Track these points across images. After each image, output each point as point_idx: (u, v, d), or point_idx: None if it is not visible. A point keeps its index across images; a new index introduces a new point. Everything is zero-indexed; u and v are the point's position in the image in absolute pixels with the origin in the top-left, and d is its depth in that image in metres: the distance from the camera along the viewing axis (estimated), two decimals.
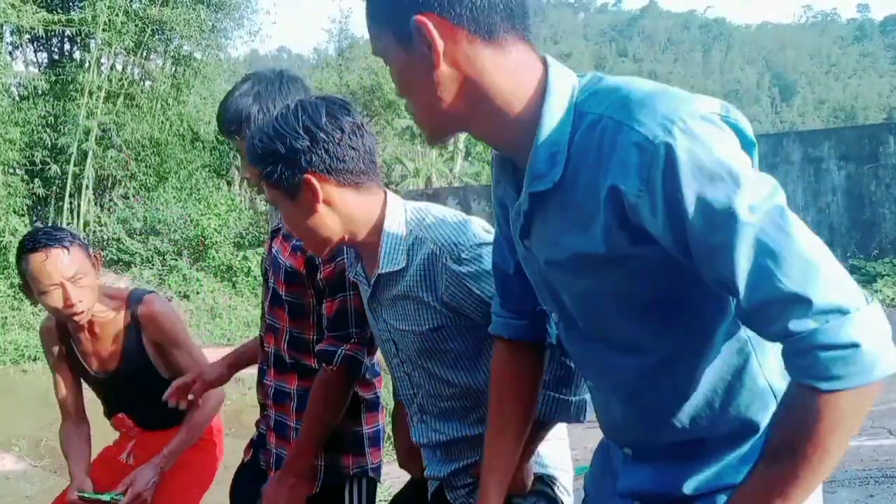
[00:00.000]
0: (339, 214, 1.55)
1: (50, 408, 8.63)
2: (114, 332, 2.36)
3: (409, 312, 1.60)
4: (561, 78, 1.05)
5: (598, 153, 0.97)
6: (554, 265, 1.10)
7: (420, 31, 1.00)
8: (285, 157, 1.50)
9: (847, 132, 12.48)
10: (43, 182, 16.46)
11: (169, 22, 16.79)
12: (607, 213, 0.97)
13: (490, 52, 1.02)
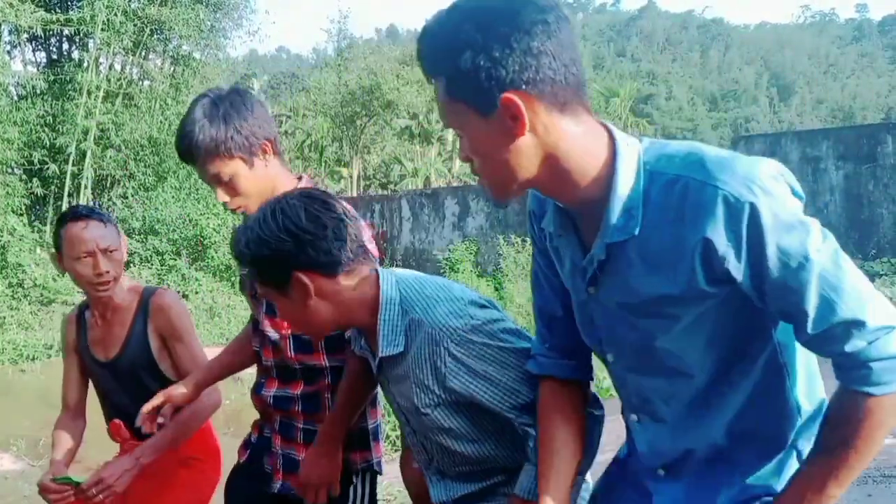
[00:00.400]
0: (332, 304, 1.58)
1: (48, 407, 8.60)
2: (124, 317, 2.41)
3: (411, 392, 1.62)
4: (627, 142, 1.19)
5: (681, 209, 1.12)
6: (626, 308, 1.23)
7: (508, 107, 1.11)
8: (272, 260, 1.54)
9: (845, 132, 12.51)
10: (41, 182, 16.45)
11: (168, 22, 16.78)
12: (694, 259, 1.12)
13: (565, 121, 1.15)
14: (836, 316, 1.08)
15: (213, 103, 1.87)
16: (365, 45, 28.36)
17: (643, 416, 1.35)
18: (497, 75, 1.10)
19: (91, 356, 2.46)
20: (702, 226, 1.10)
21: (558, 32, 1.11)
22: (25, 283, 13.87)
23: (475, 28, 1.10)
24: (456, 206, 15.07)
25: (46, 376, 10.05)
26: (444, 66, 1.14)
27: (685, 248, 1.13)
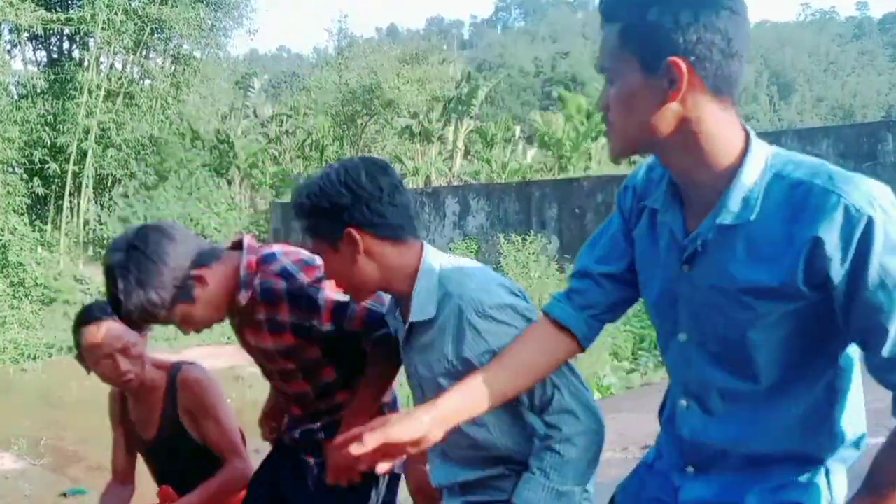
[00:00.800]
0: (377, 265, 1.67)
1: (49, 407, 8.62)
2: (155, 398, 2.40)
3: (431, 361, 1.68)
4: (760, 143, 1.26)
5: (800, 209, 1.18)
6: (719, 291, 1.27)
7: (672, 69, 1.17)
8: (329, 212, 1.63)
9: (845, 130, 12.50)
10: (42, 181, 16.45)
11: (168, 21, 16.78)
12: (800, 255, 1.17)
13: (715, 107, 1.21)
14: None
15: (122, 271, 1.75)
16: (365, 44, 28.31)
17: (694, 403, 1.37)
18: (674, 38, 1.16)
19: (134, 433, 2.48)
20: (816, 226, 1.15)
21: (740, 25, 1.19)
22: (27, 282, 13.89)
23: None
24: (456, 204, 15.07)
25: (48, 376, 10.06)
26: (628, 13, 1.20)
27: (793, 245, 1.18)
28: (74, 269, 15.04)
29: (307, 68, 47.93)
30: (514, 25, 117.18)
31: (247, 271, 1.88)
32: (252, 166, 21.60)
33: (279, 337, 1.92)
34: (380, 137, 24.00)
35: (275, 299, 1.87)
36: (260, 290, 1.87)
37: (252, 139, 22.79)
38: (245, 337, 2.01)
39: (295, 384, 2.03)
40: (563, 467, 1.56)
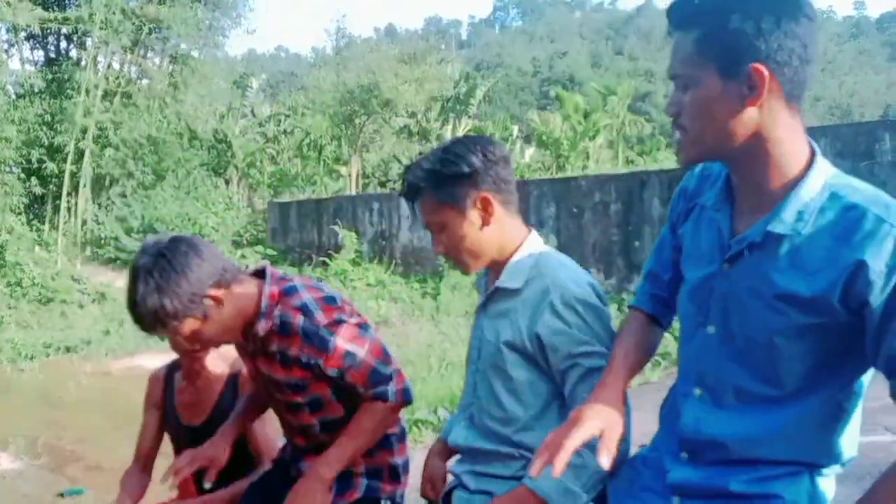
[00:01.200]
0: (498, 232, 1.76)
1: (47, 407, 8.59)
2: (213, 385, 2.50)
3: (501, 327, 1.74)
4: (824, 161, 1.29)
5: (850, 231, 1.20)
6: (755, 294, 1.30)
7: (753, 75, 1.20)
8: (467, 176, 1.71)
9: (843, 129, 12.49)
10: (40, 181, 16.44)
11: (166, 20, 16.77)
12: (841, 275, 1.19)
13: (787, 114, 1.24)
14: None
15: (145, 275, 1.77)
16: (363, 44, 28.34)
17: (707, 394, 1.40)
18: (756, 45, 1.19)
19: (176, 418, 2.54)
20: (864, 251, 1.18)
21: (814, 31, 1.22)
22: (24, 282, 13.86)
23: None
24: None
25: (45, 375, 10.05)
26: (707, 20, 1.23)
27: (837, 264, 1.20)
28: (72, 269, 15.02)
29: (305, 68, 47.92)
30: (512, 25, 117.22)
31: (268, 302, 1.87)
32: (250, 166, 21.58)
33: (290, 370, 1.92)
34: (378, 137, 23.99)
35: (289, 333, 1.86)
36: (278, 323, 1.86)
37: (250, 139, 22.77)
38: (258, 366, 2.01)
39: (302, 416, 2.04)
40: (580, 470, 1.58)
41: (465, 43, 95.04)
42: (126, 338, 11.59)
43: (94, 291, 14.26)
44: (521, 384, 1.72)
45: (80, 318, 13.16)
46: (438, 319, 11.40)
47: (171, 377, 2.59)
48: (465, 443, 1.83)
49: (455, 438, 1.86)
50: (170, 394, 2.58)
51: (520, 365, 1.72)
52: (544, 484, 1.58)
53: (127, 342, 11.35)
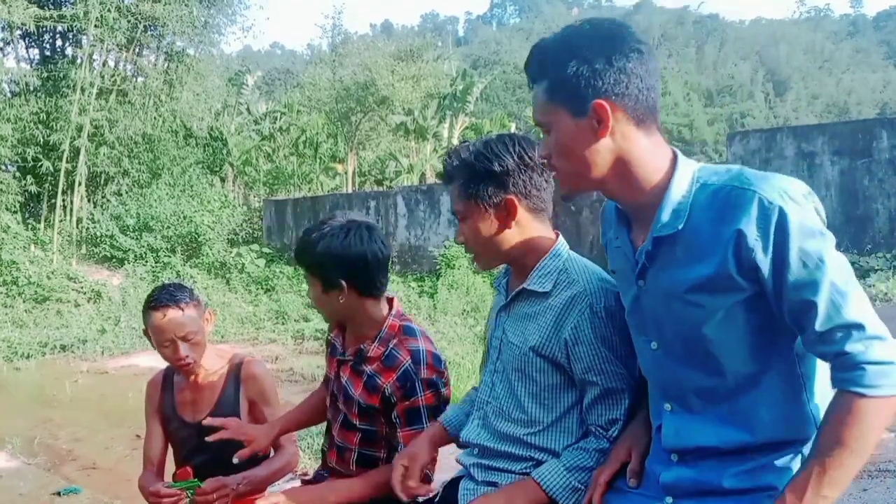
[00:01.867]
0: (520, 235, 1.75)
1: (43, 406, 8.56)
2: (214, 383, 2.56)
3: (528, 331, 1.72)
4: (685, 159, 1.43)
5: (722, 210, 1.32)
6: (672, 296, 1.40)
7: (598, 111, 1.36)
8: (497, 176, 1.70)
9: (840, 127, 12.50)
10: (35, 179, 16.39)
11: (161, 18, 16.71)
12: (728, 249, 1.30)
13: (640, 135, 1.39)
14: (840, 317, 1.25)
15: (329, 229, 2.04)
16: (360, 41, 28.23)
17: (676, 405, 1.47)
18: (594, 84, 1.36)
19: (178, 416, 2.58)
20: (737, 221, 1.29)
21: (648, 62, 1.38)
22: (20, 280, 13.83)
23: (583, 44, 1.37)
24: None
25: (41, 374, 10.02)
26: (551, 71, 1.40)
27: (721, 240, 1.31)
28: (67, 268, 14.97)
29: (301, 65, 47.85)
30: (509, 22, 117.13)
31: (388, 331, 2.06)
32: (245, 164, 21.54)
33: (370, 395, 2.03)
34: (374, 134, 23.96)
35: (391, 366, 2.00)
36: (387, 353, 2.02)
37: (245, 136, 22.72)
38: (339, 370, 2.15)
39: (349, 437, 2.12)
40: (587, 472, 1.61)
41: (462, 40, 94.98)
42: (122, 337, 11.57)
43: (90, 290, 14.23)
44: (545, 389, 1.72)
45: (75, 316, 13.13)
46: (436, 318, 11.39)
47: (170, 379, 2.62)
48: (477, 440, 1.83)
49: (467, 435, 1.87)
50: (169, 395, 2.61)
51: (545, 370, 1.71)
52: (552, 480, 1.62)
53: (123, 341, 11.32)
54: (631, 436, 1.59)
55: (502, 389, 1.79)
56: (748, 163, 12.01)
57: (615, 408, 1.64)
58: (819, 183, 11.62)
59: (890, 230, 11.24)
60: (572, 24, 1.44)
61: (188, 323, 2.41)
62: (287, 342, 11.14)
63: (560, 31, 1.43)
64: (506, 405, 1.77)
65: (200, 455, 2.52)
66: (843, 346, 1.25)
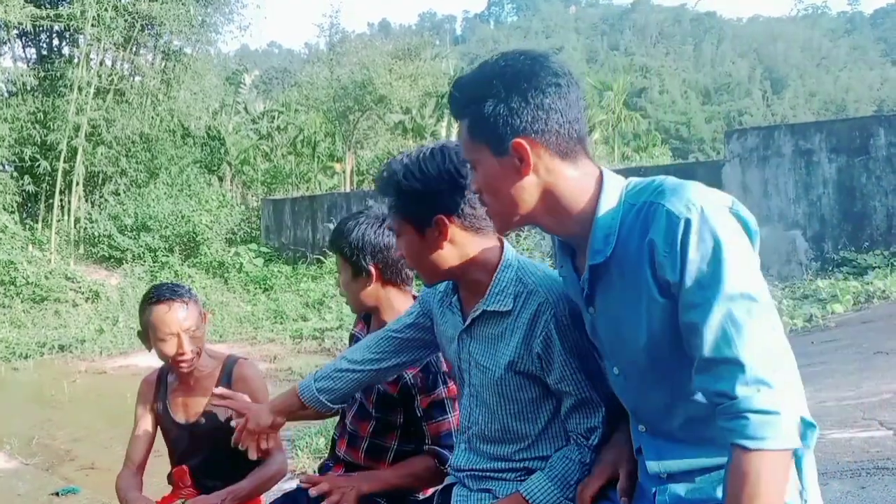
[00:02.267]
0: (458, 253, 1.68)
1: (41, 406, 8.54)
2: (207, 384, 2.52)
3: (498, 353, 1.68)
4: (613, 181, 1.38)
5: (643, 226, 1.28)
6: (617, 321, 1.37)
7: (517, 150, 1.32)
8: (425, 197, 1.63)
9: (838, 125, 12.51)
10: (33, 179, 16.37)
11: (158, 17, 16.69)
12: (646, 264, 1.27)
13: (564, 166, 1.35)
14: (729, 350, 1.18)
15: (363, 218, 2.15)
16: (357, 40, 28.22)
17: (647, 427, 1.45)
18: (512, 122, 1.32)
19: (170, 417, 2.56)
20: (649, 233, 1.26)
21: (567, 94, 1.33)
22: (17, 280, 13.82)
23: (499, 82, 1.33)
24: None
25: (39, 374, 10.01)
26: (470, 110, 1.37)
27: (641, 255, 1.28)
28: (65, 268, 14.95)
29: (298, 64, 47.81)
30: (507, 20, 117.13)
31: None
32: (243, 163, 21.53)
33: (389, 384, 2.06)
34: (372, 133, 23.94)
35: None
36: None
37: (243, 136, 22.71)
38: None
39: (362, 426, 2.16)
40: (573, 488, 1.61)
41: (459, 38, 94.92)
42: (120, 337, 11.56)
43: (88, 290, 14.22)
44: (526, 404, 1.69)
45: (73, 316, 13.13)
46: None
47: (164, 379, 2.61)
48: (467, 465, 1.82)
49: (457, 462, 1.85)
50: (162, 394, 2.59)
51: (524, 386, 1.68)
52: (540, 496, 1.62)
53: (121, 341, 11.32)
54: (616, 450, 1.54)
55: (480, 414, 1.76)
56: (746, 160, 12.03)
57: (592, 416, 1.62)
58: (817, 180, 11.62)
59: (887, 227, 11.25)
60: (488, 59, 1.40)
61: (191, 317, 2.41)
62: (285, 341, 11.14)
63: (477, 68, 1.40)
64: (488, 429, 1.75)
65: (193, 457, 2.52)
66: (723, 386, 1.18)
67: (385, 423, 2.11)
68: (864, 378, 5.48)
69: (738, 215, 1.27)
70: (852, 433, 3.96)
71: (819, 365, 6.15)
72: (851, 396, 4.92)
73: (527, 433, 1.71)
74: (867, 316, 8.47)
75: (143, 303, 2.46)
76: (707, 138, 58.89)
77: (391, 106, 22.00)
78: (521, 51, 1.38)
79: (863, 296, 9.29)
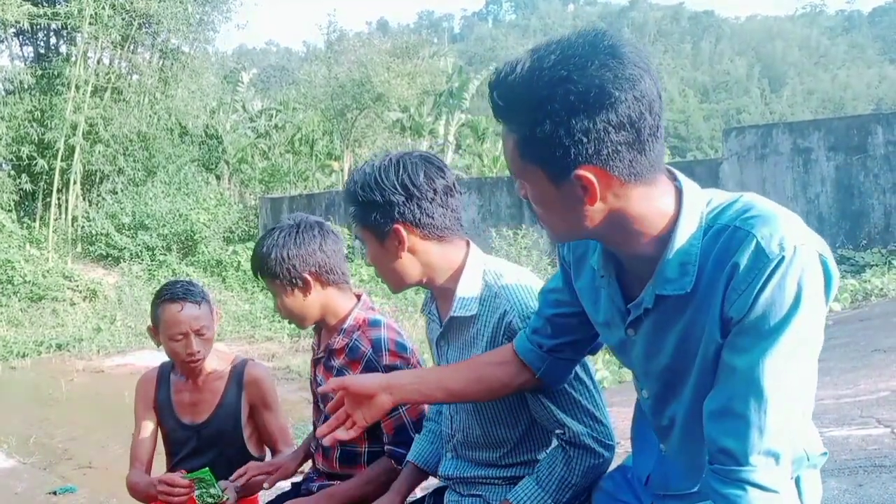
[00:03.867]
0: (419, 262, 1.69)
1: (38, 405, 8.54)
2: (215, 385, 2.52)
3: (473, 355, 1.68)
4: (693, 198, 1.17)
5: (722, 253, 1.11)
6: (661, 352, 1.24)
7: (581, 180, 1.09)
8: (381, 207, 1.64)
9: (836, 123, 12.52)
10: (30, 177, 16.34)
11: (156, 15, 16.67)
12: (720, 296, 1.11)
13: (639, 189, 1.13)
14: (755, 409, 1.08)
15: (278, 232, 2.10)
16: (355, 38, 28.15)
17: (668, 447, 1.37)
18: (574, 150, 1.07)
19: (175, 417, 2.53)
20: (731, 259, 1.11)
21: (647, 104, 1.07)
22: (15, 279, 13.80)
23: (561, 101, 1.06)
24: None
25: (36, 373, 10.00)
26: (521, 125, 1.12)
27: (716, 284, 1.12)
28: (63, 266, 14.94)
29: (296, 62, 47.78)
30: (505, 19, 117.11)
31: (353, 323, 2.08)
32: (241, 161, 21.51)
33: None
34: (370, 132, 23.91)
35: (354, 358, 2.03)
36: (351, 345, 2.05)
37: (241, 134, 22.69)
38: (315, 372, 2.22)
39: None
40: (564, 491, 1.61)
41: (457, 37, 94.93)
42: (118, 335, 11.55)
43: (86, 288, 14.21)
44: (503, 409, 1.70)
45: (71, 315, 13.12)
46: None
47: (165, 377, 2.57)
48: (455, 473, 1.82)
49: (445, 471, 1.86)
50: (164, 394, 2.55)
51: None
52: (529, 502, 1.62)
53: (118, 340, 11.31)
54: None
55: (461, 421, 1.77)
56: (744, 159, 12.03)
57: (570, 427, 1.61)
58: (815, 179, 11.63)
59: (885, 225, 11.26)
60: (544, 52, 1.10)
61: (203, 317, 2.40)
62: (283, 340, 11.13)
63: (528, 68, 1.10)
64: (470, 435, 1.76)
65: (198, 458, 2.49)
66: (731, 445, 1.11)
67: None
68: (862, 376, 5.48)
69: (825, 264, 1.10)
70: (849, 431, 3.95)
71: (817, 363, 6.15)
72: (849, 394, 4.93)
73: (507, 438, 1.71)
74: (865, 314, 8.47)
75: (155, 299, 2.44)
76: (705, 136, 58.91)
77: (389, 104, 21.97)
78: (587, 44, 1.08)
79: (860, 294, 9.30)
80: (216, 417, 2.49)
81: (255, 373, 2.56)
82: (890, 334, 6.95)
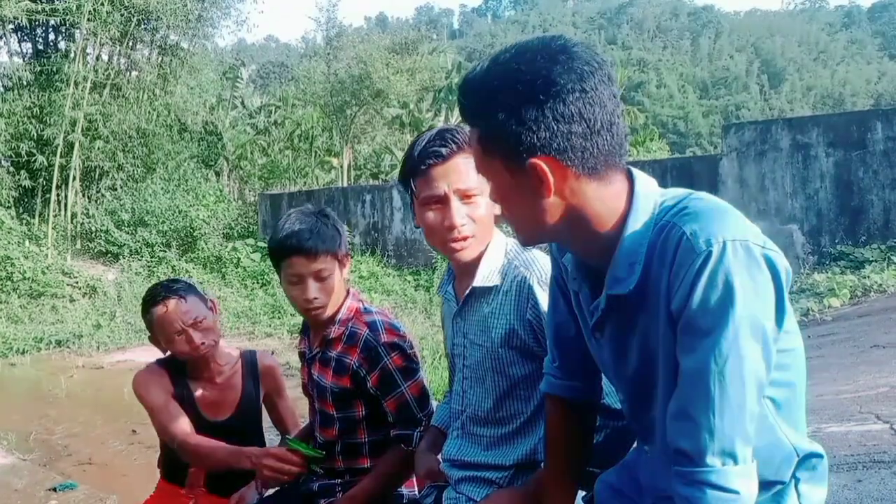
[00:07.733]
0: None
1: (38, 401, 8.56)
2: (232, 381, 2.52)
3: (491, 327, 1.73)
4: (644, 198, 1.19)
5: (662, 252, 1.13)
6: (626, 353, 1.25)
7: (535, 170, 1.13)
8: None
9: (835, 119, 12.50)
10: (29, 174, 16.32)
11: (155, 11, 16.63)
12: (665, 292, 1.12)
13: (593, 185, 1.16)
14: (704, 410, 1.08)
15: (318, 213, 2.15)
16: (354, 34, 28.10)
17: (651, 448, 1.37)
18: (527, 140, 1.12)
19: (199, 414, 2.46)
20: (669, 256, 1.12)
21: (595, 98, 1.11)
22: (14, 276, 13.79)
23: (511, 90, 1.11)
24: None
25: (36, 370, 10.01)
26: (480, 121, 1.18)
27: (660, 280, 1.13)
28: (62, 263, 14.94)
29: (295, 58, 47.69)
30: (504, 15, 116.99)
31: (347, 314, 2.11)
32: (240, 158, 21.48)
33: (340, 377, 2.07)
34: (369, 128, 23.87)
35: (353, 343, 2.06)
36: (348, 333, 2.08)
37: (240, 130, 22.65)
38: (310, 369, 2.20)
39: (328, 431, 2.14)
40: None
41: (456, 32, 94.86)
42: (117, 332, 11.55)
43: (85, 285, 14.20)
44: (520, 381, 1.73)
45: (70, 312, 13.11)
46: (432, 312, 11.39)
47: (177, 374, 2.46)
48: (458, 456, 1.84)
49: (448, 451, 1.88)
50: (182, 390, 2.45)
51: (517, 362, 1.72)
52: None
53: (118, 336, 11.31)
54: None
55: (474, 395, 1.81)
56: (743, 155, 12.03)
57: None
58: (814, 174, 11.62)
59: (884, 221, 11.26)
60: (500, 54, 1.18)
61: (192, 309, 2.35)
62: (283, 336, 11.14)
63: (486, 68, 1.17)
64: (481, 409, 1.79)
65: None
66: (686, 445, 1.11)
67: (348, 421, 2.11)
68: (861, 372, 5.49)
69: (768, 258, 1.10)
70: (849, 427, 3.97)
71: (816, 359, 6.15)
72: (848, 390, 4.94)
73: (520, 411, 1.74)
74: (864, 310, 8.48)
75: (143, 308, 2.41)
76: (704, 132, 58.90)
77: (388, 100, 21.94)
78: (539, 42, 1.15)
79: (860, 290, 9.31)
80: (241, 412, 2.51)
81: (268, 362, 2.60)
82: (889, 330, 6.96)
